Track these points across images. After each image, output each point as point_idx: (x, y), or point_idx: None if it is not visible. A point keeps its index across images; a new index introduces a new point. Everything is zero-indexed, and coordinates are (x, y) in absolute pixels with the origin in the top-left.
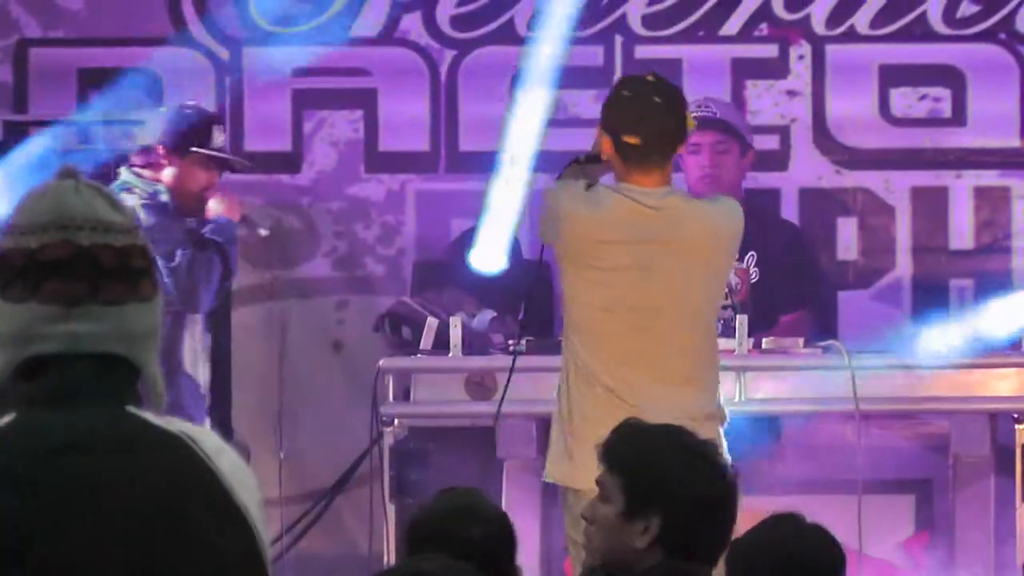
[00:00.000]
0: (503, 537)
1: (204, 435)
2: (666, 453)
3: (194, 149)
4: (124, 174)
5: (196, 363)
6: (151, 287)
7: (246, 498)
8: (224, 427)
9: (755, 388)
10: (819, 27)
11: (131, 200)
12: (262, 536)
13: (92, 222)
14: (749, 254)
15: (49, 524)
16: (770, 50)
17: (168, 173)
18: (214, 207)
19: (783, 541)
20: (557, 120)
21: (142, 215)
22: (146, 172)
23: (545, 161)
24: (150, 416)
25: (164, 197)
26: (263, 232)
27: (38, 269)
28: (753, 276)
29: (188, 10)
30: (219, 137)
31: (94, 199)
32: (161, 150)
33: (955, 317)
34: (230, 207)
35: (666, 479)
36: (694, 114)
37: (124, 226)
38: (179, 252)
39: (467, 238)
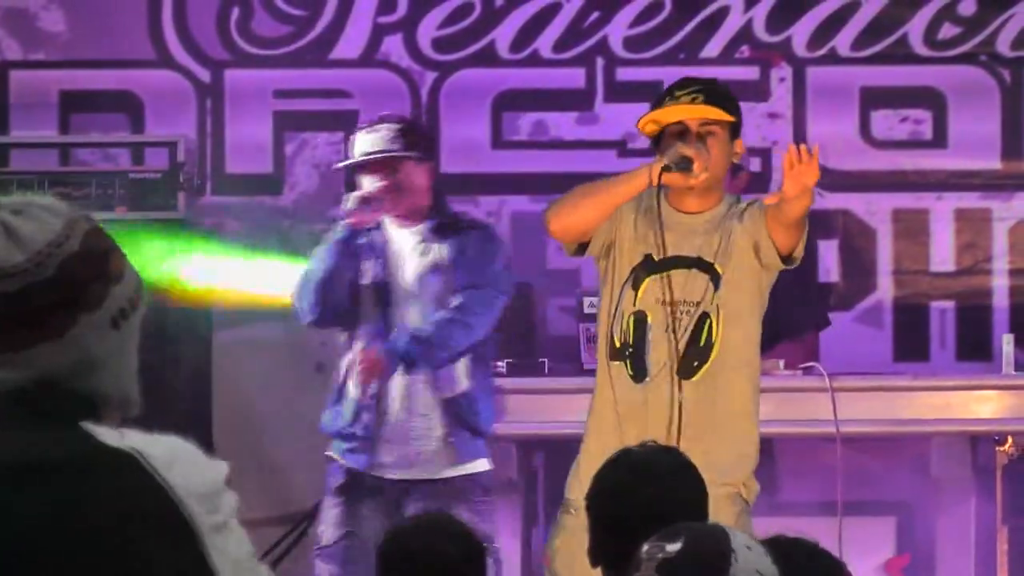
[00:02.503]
0: (476, 556)
1: (157, 447)
2: (611, 468)
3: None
4: None
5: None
6: (66, 320)
7: (197, 511)
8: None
9: None
10: (800, 49)
11: None
12: (215, 554)
13: None
14: None
15: None
16: (751, 72)
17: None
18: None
19: (782, 562)
20: (539, 142)
21: None
22: None
23: (529, 184)
24: (100, 432)
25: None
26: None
27: None
28: None
29: (169, 32)
30: (360, 143)
31: None
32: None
33: None
34: (347, 201)
35: (593, 493)
36: None
37: (21, 265)
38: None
39: None
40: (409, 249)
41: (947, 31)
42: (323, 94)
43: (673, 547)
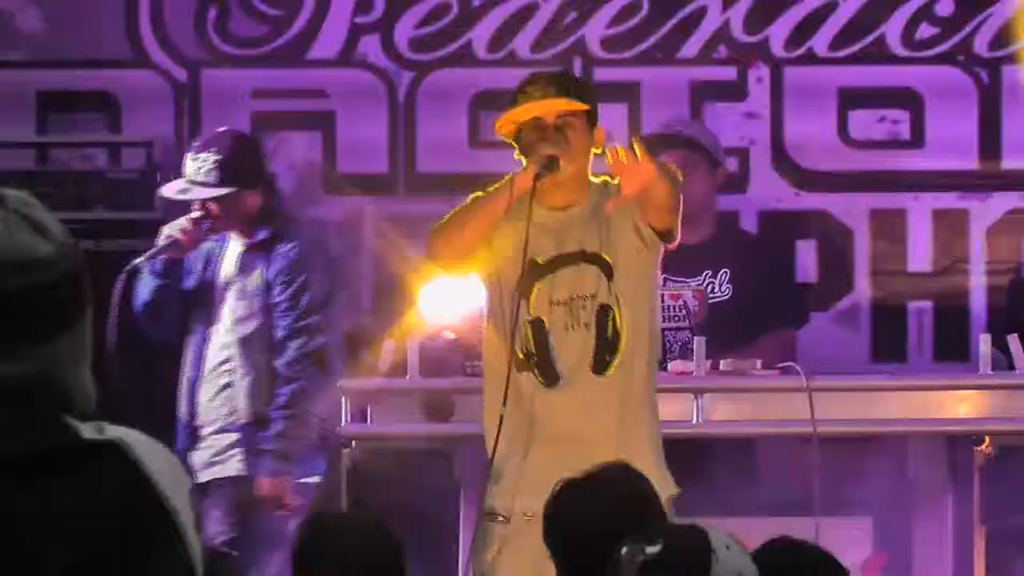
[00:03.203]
0: (389, 553)
1: (135, 438)
2: (567, 494)
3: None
4: None
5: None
6: (80, 311)
7: (179, 503)
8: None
9: (712, 409)
10: (778, 49)
11: None
12: (193, 546)
13: (17, 264)
14: (722, 271)
15: None
16: (729, 72)
17: None
18: None
19: (788, 566)
20: None
21: None
22: None
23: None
24: (82, 426)
25: None
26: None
27: None
28: (726, 293)
29: (146, 32)
30: (186, 166)
31: (21, 231)
32: None
33: None
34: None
35: (552, 515)
36: (661, 133)
37: (52, 256)
38: None
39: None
40: (232, 265)
41: (924, 31)
42: (300, 94)
43: (653, 548)
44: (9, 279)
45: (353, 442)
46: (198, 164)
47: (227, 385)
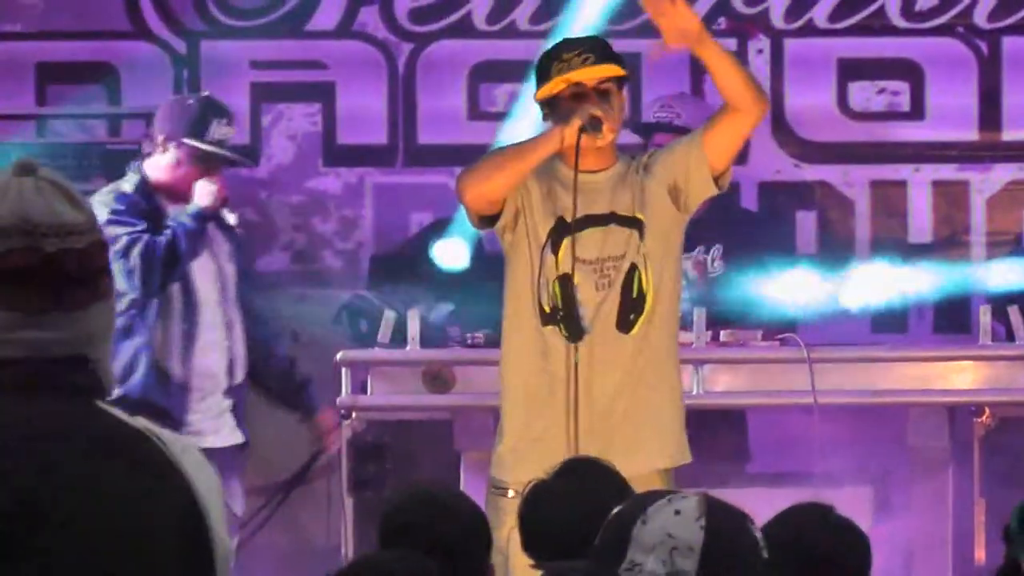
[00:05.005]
0: (478, 534)
1: (168, 434)
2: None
3: (185, 140)
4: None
5: (171, 354)
6: (109, 282)
7: (209, 501)
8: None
9: (713, 381)
10: (778, 21)
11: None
12: (223, 541)
13: (55, 227)
14: (715, 247)
15: (13, 512)
16: (729, 44)
17: (155, 162)
18: (197, 190)
19: (807, 531)
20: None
21: (103, 209)
22: (147, 163)
23: None
24: (119, 412)
25: (127, 187)
26: (231, 219)
27: (1, 275)
28: (718, 269)
29: (145, 3)
30: (219, 130)
31: (55, 198)
32: (159, 138)
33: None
34: (209, 193)
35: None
36: (656, 114)
37: (85, 225)
38: (126, 238)
39: (429, 233)
40: None
41: (924, 2)
42: (300, 65)
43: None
44: (47, 240)
45: (353, 413)
46: None
47: None
